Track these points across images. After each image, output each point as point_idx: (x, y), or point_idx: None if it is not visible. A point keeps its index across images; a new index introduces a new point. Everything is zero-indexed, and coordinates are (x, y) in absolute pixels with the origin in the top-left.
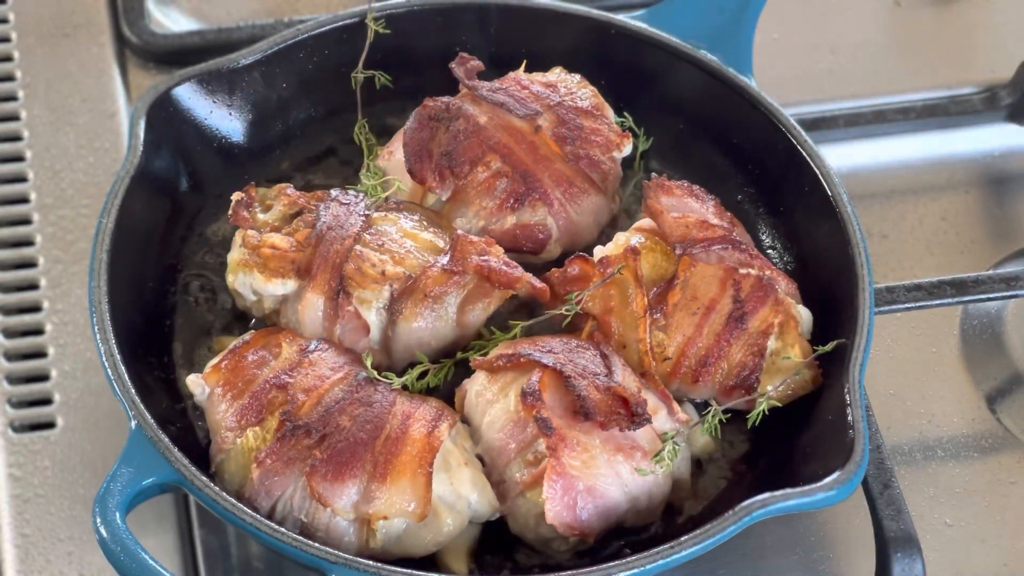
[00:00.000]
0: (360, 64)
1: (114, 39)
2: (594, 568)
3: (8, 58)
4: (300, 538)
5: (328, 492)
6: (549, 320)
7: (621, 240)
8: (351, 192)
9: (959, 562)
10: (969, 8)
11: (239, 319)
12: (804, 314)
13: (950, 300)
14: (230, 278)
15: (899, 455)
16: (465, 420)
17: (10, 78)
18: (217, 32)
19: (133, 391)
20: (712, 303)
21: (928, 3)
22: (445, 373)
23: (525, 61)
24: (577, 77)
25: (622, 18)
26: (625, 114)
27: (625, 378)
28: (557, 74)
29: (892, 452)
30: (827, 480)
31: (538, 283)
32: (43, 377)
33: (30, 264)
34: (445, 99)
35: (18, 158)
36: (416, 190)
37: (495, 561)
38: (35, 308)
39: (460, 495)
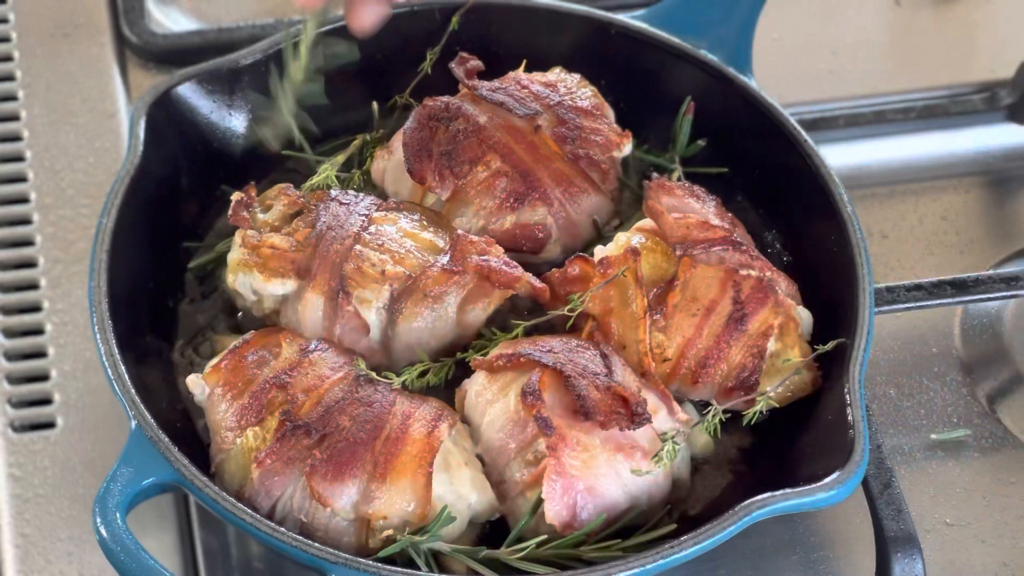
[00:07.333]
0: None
1: (114, 39)
2: (594, 568)
3: (8, 58)
4: (300, 538)
5: (328, 492)
6: (550, 320)
7: (622, 240)
8: (351, 192)
9: (959, 562)
10: (969, 8)
11: (239, 319)
12: (804, 316)
13: (950, 300)
14: (230, 278)
15: (899, 455)
16: (465, 420)
17: (10, 78)
18: (217, 32)
19: (133, 391)
20: (712, 304)
21: (928, 3)
22: (445, 373)
23: (525, 61)
24: (577, 77)
25: (622, 18)
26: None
27: (625, 378)
28: (557, 74)
29: (892, 452)
30: (827, 480)
31: (538, 283)
32: (43, 377)
33: (30, 264)
34: (445, 99)
35: (18, 158)
36: (416, 190)
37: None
38: (35, 308)
39: (460, 495)
